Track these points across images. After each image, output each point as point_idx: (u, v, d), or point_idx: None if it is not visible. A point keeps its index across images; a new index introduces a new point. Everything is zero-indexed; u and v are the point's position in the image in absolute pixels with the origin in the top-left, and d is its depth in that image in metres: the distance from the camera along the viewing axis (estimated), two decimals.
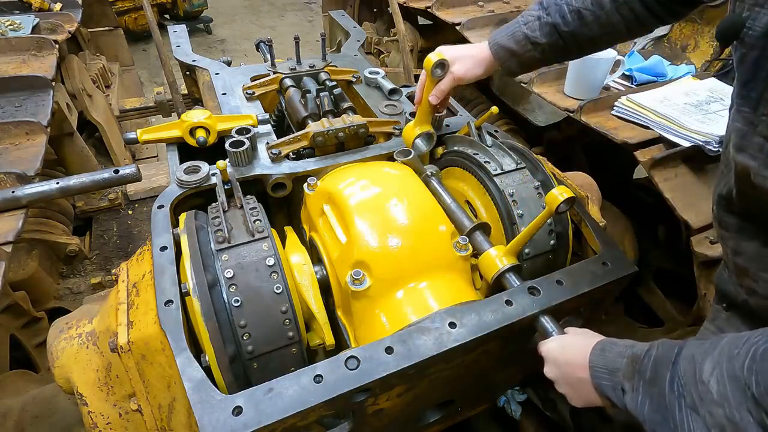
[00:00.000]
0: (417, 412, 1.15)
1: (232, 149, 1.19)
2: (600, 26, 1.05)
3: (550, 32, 1.09)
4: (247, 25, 6.50)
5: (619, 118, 1.61)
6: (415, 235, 1.01)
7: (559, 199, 0.89)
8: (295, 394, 0.78)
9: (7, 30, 1.93)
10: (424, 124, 1.26)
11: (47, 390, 1.40)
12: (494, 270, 1.01)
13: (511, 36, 1.14)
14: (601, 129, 1.56)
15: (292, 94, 1.52)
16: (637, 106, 1.59)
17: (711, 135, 1.42)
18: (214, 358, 0.86)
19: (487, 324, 0.90)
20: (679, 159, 1.43)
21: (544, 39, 1.10)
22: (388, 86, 1.59)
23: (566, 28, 1.07)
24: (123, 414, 0.98)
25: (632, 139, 1.49)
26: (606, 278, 1.02)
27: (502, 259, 1.01)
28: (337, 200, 1.07)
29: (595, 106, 1.64)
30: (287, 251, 1.09)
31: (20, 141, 1.48)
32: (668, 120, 1.52)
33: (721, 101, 1.61)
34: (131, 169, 1.34)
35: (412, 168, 1.22)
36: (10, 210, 1.26)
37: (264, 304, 0.91)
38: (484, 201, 1.19)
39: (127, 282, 1.03)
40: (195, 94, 1.95)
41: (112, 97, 2.78)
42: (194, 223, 1.01)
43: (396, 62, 2.91)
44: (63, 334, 1.02)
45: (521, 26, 1.13)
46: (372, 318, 0.97)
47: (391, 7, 2.33)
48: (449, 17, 2.27)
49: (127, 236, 2.14)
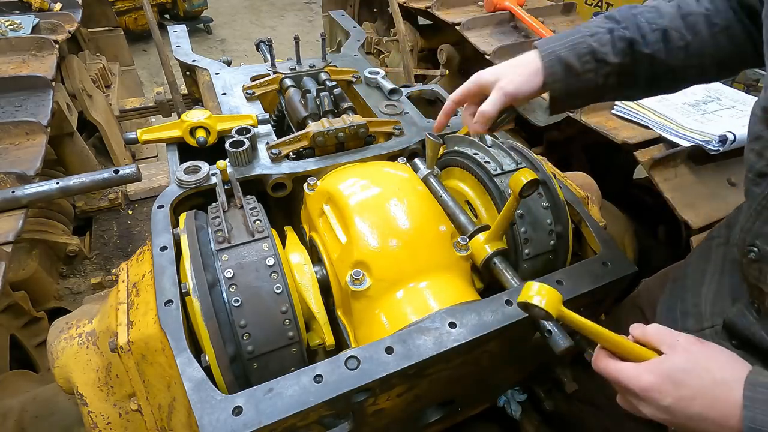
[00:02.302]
0: (417, 412, 1.15)
1: (232, 149, 1.19)
2: (687, 55, 0.84)
3: (624, 50, 0.85)
4: (247, 25, 6.50)
5: (619, 118, 1.62)
6: (415, 236, 1.01)
7: (522, 182, 0.88)
8: (295, 394, 0.78)
9: (7, 30, 1.93)
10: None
11: (47, 390, 1.40)
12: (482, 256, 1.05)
13: (573, 47, 0.87)
14: (601, 129, 1.56)
15: (292, 94, 1.52)
16: (637, 105, 1.59)
17: (710, 134, 1.42)
18: (214, 358, 0.86)
19: (487, 324, 0.90)
20: (679, 159, 1.43)
21: (615, 58, 0.85)
22: (388, 86, 1.59)
23: (646, 49, 0.84)
24: (123, 414, 0.98)
25: (632, 139, 1.49)
26: (606, 278, 1.02)
27: (484, 247, 1.06)
28: (337, 200, 1.07)
29: (595, 106, 1.64)
30: (287, 251, 1.09)
31: (20, 141, 1.48)
32: (667, 120, 1.52)
33: (717, 101, 1.62)
34: (131, 169, 1.34)
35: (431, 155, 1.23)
36: (10, 210, 1.26)
37: (264, 304, 0.91)
38: (484, 201, 1.19)
39: (127, 282, 1.03)
40: (195, 94, 1.95)
41: (112, 97, 2.78)
42: (194, 223, 1.01)
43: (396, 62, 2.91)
44: (63, 334, 1.02)
45: (586, 37, 0.87)
46: (372, 318, 0.97)
47: (391, 7, 2.33)
48: (449, 17, 2.27)
49: (127, 236, 2.14)
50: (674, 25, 0.84)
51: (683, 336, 0.65)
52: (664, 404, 0.61)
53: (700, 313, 0.91)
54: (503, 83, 0.91)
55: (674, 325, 0.95)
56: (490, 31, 2.21)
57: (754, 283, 0.73)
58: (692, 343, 0.64)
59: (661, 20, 0.85)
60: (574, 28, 0.91)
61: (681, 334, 0.65)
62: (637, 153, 1.46)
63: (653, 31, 0.84)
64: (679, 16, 0.85)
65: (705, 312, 0.90)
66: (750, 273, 0.73)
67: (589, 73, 0.88)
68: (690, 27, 0.84)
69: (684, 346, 0.63)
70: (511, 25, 2.25)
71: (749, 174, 0.72)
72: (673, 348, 0.64)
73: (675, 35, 0.84)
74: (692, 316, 0.92)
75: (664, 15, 0.85)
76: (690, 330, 0.91)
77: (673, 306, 0.98)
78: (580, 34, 0.88)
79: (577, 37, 0.88)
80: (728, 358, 0.62)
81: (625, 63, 0.86)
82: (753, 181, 0.71)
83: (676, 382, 0.61)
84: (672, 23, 0.84)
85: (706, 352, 0.63)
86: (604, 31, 0.87)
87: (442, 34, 2.71)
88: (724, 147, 1.38)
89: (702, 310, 0.90)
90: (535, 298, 0.65)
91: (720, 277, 0.91)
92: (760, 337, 0.73)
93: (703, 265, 0.96)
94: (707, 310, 0.90)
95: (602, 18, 0.90)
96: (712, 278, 0.92)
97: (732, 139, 1.36)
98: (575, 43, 0.87)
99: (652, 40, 0.84)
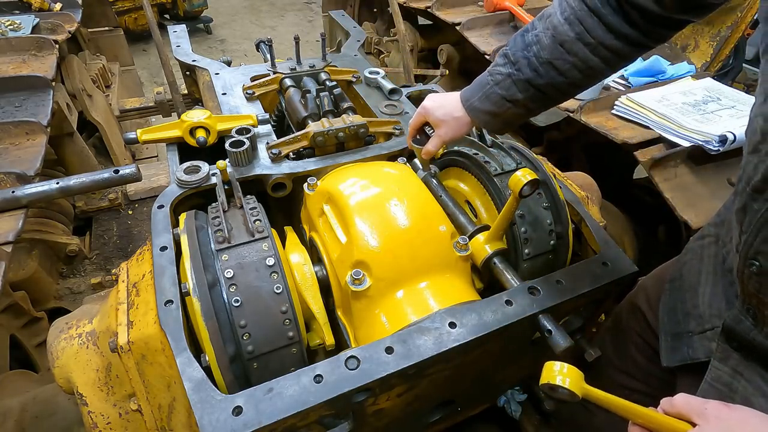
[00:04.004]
0: (417, 412, 1.15)
1: (232, 149, 1.19)
2: (578, 71, 0.95)
3: (525, 88, 0.99)
4: (247, 25, 6.51)
5: (619, 118, 1.62)
6: (415, 235, 1.01)
7: (522, 182, 0.89)
8: (295, 394, 0.78)
9: (7, 30, 1.93)
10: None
11: (47, 390, 1.40)
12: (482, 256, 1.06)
13: (486, 98, 1.04)
14: (601, 129, 1.56)
15: (292, 94, 1.52)
16: (637, 105, 1.59)
17: (710, 134, 1.42)
18: (214, 358, 0.86)
19: (487, 324, 0.90)
20: (679, 159, 1.43)
21: (521, 95, 1.00)
22: (388, 86, 1.59)
23: (542, 81, 0.97)
24: (123, 414, 0.98)
25: (632, 139, 1.49)
26: (606, 278, 1.02)
27: (485, 247, 1.06)
28: (337, 200, 1.07)
29: (595, 106, 1.64)
30: (287, 251, 1.09)
31: (20, 141, 1.48)
32: (667, 120, 1.52)
33: (717, 101, 1.62)
34: (131, 169, 1.34)
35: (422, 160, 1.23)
36: (10, 210, 1.26)
37: (264, 304, 0.91)
38: (484, 201, 1.19)
39: (127, 282, 1.03)
40: (195, 94, 1.95)
41: (112, 97, 2.79)
42: (194, 223, 1.01)
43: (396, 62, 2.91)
44: (63, 334, 1.02)
45: (493, 87, 1.03)
46: (372, 318, 0.97)
47: (391, 7, 2.33)
48: (449, 17, 2.28)
49: (127, 236, 2.14)
50: (555, 55, 0.94)
51: (710, 403, 0.67)
52: None
53: (700, 315, 0.91)
54: (442, 132, 1.14)
55: (678, 327, 0.95)
56: (490, 31, 2.21)
57: (753, 293, 0.74)
58: (721, 410, 0.66)
59: (544, 53, 0.95)
60: (484, 77, 1.06)
61: (708, 402, 0.67)
62: (637, 153, 1.46)
63: (542, 65, 0.96)
64: (557, 45, 0.94)
65: (704, 313, 0.91)
66: (750, 283, 0.74)
67: (508, 111, 1.04)
68: (569, 51, 0.93)
69: (714, 414, 0.66)
70: (511, 25, 2.25)
71: (747, 188, 0.71)
72: (704, 417, 0.66)
73: (560, 63, 0.95)
74: (693, 318, 0.93)
75: (544, 47, 0.95)
76: (693, 331, 0.92)
77: (674, 307, 0.99)
78: (489, 84, 1.04)
79: (487, 88, 1.04)
80: (760, 421, 0.64)
81: (531, 95, 1.00)
82: (750, 196, 0.71)
83: None
84: (553, 54, 0.95)
85: (736, 417, 0.65)
86: (503, 76, 1.01)
87: (442, 34, 2.71)
88: (724, 147, 1.38)
89: (702, 312, 0.92)
90: (558, 377, 0.66)
91: (714, 277, 0.92)
92: (760, 341, 0.76)
93: (697, 265, 0.97)
94: (706, 311, 0.91)
95: (502, 59, 1.02)
96: (708, 278, 0.93)
97: (732, 139, 1.37)
98: (488, 94, 1.04)
99: (543, 72, 0.96)
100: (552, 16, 0.96)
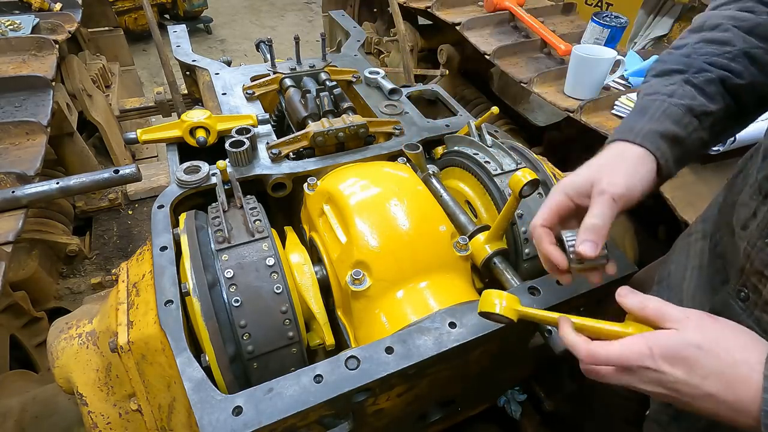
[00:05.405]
0: (417, 412, 1.15)
1: (232, 149, 1.19)
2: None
3: (716, 93, 0.74)
4: (247, 25, 6.51)
5: (619, 118, 1.61)
6: (415, 235, 1.01)
7: (522, 182, 0.88)
8: (295, 394, 0.78)
9: (7, 30, 1.93)
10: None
11: (47, 390, 1.40)
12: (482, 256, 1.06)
13: (664, 116, 0.74)
14: (601, 129, 1.56)
15: (292, 94, 1.52)
16: None
17: None
18: (214, 358, 0.86)
19: (487, 324, 0.90)
20: None
21: (713, 105, 0.74)
22: (388, 86, 1.59)
23: (740, 80, 0.74)
24: (123, 414, 0.98)
25: None
26: (606, 278, 1.02)
27: (485, 247, 1.06)
28: (337, 200, 1.07)
29: (595, 106, 1.64)
30: (287, 251, 1.09)
31: (20, 141, 1.48)
32: None
33: None
34: (131, 169, 1.34)
35: (416, 163, 1.21)
36: (10, 210, 1.26)
37: (264, 304, 0.91)
38: (484, 201, 1.19)
39: (127, 282, 1.03)
40: (195, 94, 1.95)
41: (112, 97, 2.79)
42: (194, 223, 1.01)
43: (396, 62, 2.91)
44: (63, 334, 1.02)
45: (666, 99, 0.75)
46: (372, 318, 0.97)
47: (391, 7, 2.33)
48: (449, 17, 2.27)
49: (127, 236, 2.14)
50: (751, 44, 0.74)
51: (694, 312, 0.60)
52: (672, 379, 0.57)
53: None
54: (605, 185, 0.70)
55: None
56: (490, 31, 2.21)
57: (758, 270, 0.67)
58: (704, 319, 0.59)
59: (731, 47, 0.75)
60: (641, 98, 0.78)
61: (691, 310, 0.60)
62: None
63: (735, 58, 0.74)
64: (742, 35, 0.75)
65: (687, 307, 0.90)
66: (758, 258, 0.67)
67: (694, 133, 0.75)
68: (763, 37, 0.74)
69: (696, 322, 0.59)
70: (511, 25, 2.25)
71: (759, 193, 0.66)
72: (683, 324, 0.59)
73: (759, 52, 0.74)
74: None
75: (728, 41, 0.75)
76: None
77: None
78: (657, 101, 0.75)
79: (658, 105, 0.75)
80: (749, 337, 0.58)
81: (725, 105, 0.75)
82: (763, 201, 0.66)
83: (688, 359, 0.56)
84: (746, 44, 0.74)
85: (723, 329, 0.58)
86: (677, 85, 0.75)
87: (442, 34, 2.71)
88: (725, 147, 1.38)
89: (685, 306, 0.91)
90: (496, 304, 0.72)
91: (699, 271, 0.91)
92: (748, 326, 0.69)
93: (684, 261, 0.97)
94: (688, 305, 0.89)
95: (655, 78, 0.78)
96: (692, 273, 0.93)
97: (732, 139, 1.36)
98: (663, 110, 0.74)
99: (741, 68, 0.73)
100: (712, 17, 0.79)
